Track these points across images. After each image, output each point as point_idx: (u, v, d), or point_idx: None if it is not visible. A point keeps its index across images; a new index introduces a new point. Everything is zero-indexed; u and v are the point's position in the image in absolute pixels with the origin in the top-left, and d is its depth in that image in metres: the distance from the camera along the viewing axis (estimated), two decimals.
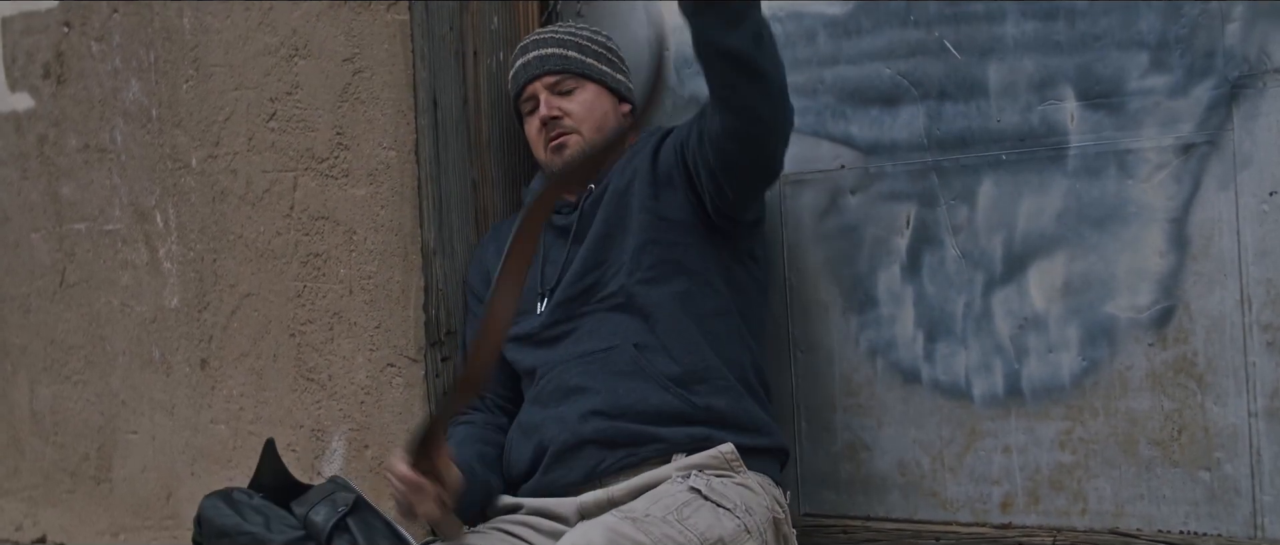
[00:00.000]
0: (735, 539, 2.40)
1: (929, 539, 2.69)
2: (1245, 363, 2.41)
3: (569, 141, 2.71)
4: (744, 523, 2.42)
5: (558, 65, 2.74)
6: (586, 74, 2.75)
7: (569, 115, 2.72)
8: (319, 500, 2.27)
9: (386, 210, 3.02)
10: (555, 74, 2.74)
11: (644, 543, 2.26)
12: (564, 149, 2.71)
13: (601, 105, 2.75)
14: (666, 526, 2.32)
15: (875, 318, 2.74)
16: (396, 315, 3.01)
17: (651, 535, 2.28)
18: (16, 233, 3.80)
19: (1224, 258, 2.42)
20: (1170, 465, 2.49)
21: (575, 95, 2.73)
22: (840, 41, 2.76)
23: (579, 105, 2.73)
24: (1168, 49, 2.45)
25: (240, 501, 2.29)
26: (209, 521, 2.27)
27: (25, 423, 3.82)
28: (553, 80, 2.74)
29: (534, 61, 2.76)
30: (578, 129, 2.72)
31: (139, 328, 3.52)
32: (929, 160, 2.68)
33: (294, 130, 3.16)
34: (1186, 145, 2.44)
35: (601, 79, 2.76)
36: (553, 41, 2.77)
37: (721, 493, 2.44)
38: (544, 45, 2.77)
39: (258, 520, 2.25)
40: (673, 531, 2.32)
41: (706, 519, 2.38)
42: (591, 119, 2.73)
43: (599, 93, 2.75)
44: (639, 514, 2.33)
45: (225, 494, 2.31)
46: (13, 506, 3.88)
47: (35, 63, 3.71)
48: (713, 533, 2.36)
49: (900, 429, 2.74)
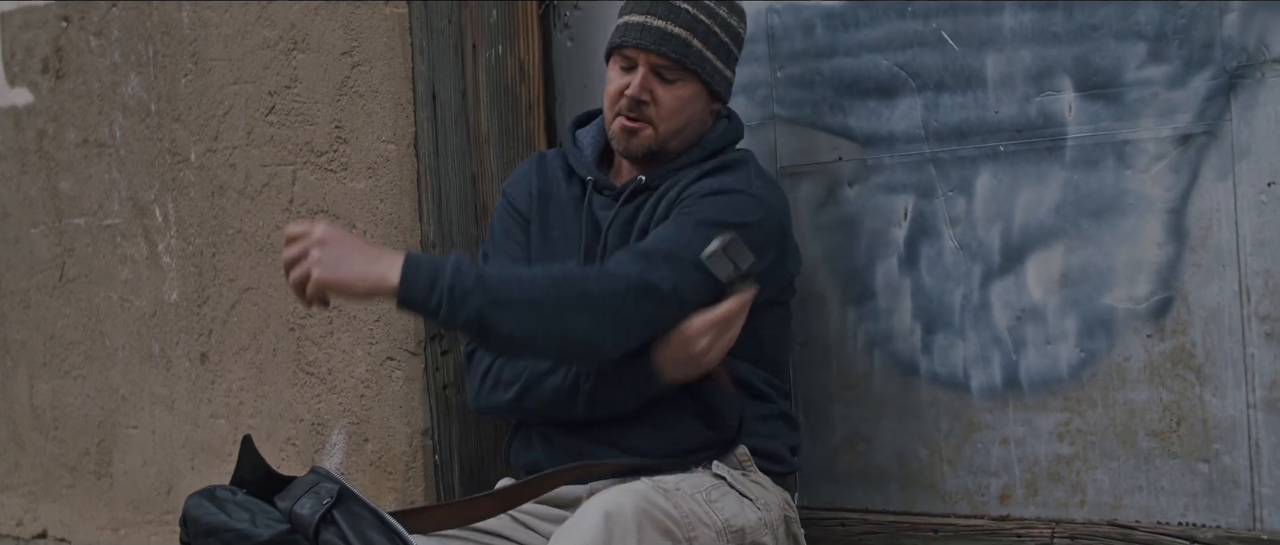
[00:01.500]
0: (756, 531, 2.41)
1: (927, 531, 2.69)
2: (1244, 354, 2.41)
3: (642, 132, 2.54)
4: (764, 517, 2.43)
5: (676, 52, 2.52)
6: (698, 70, 2.54)
7: (658, 105, 2.53)
8: (303, 493, 2.26)
9: (385, 204, 3.02)
10: (669, 59, 2.52)
11: (673, 515, 2.28)
12: (634, 135, 2.54)
13: (694, 107, 2.56)
14: (695, 504, 2.33)
15: (873, 310, 2.74)
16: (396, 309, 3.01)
17: (681, 509, 2.30)
18: (16, 228, 3.80)
19: (1222, 249, 2.42)
20: (1169, 457, 2.49)
21: (675, 87, 2.53)
22: (837, 33, 2.75)
23: (673, 100, 2.53)
24: (1166, 39, 2.44)
25: (224, 498, 2.28)
26: (195, 520, 2.27)
27: (25, 418, 3.83)
28: (663, 63, 2.53)
29: (656, 32, 2.52)
30: (657, 123, 2.54)
31: (138, 322, 3.52)
32: (927, 152, 2.67)
33: (293, 124, 3.16)
34: (1184, 136, 2.44)
35: (710, 78, 2.56)
36: (686, 19, 2.53)
37: (743, 484, 2.46)
38: (677, 20, 2.52)
39: (243, 516, 2.25)
40: (701, 511, 2.33)
41: (732, 507, 2.40)
42: (677, 119, 2.55)
43: (698, 92, 2.56)
44: (670, 486, 2.34)
45: (209, 492, 2.30)
46: (13, 502, 3.88)
47: (34, 57, 3.71)
48: (737, 521, 2.38)
49: (898, 421, 2.73)
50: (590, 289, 2.34)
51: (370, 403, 3.05)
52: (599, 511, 2.21)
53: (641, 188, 2.56)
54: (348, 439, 3.13)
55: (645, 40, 2.52)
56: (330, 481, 2.26)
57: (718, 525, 2.34)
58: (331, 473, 2.29)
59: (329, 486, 2.25)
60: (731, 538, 2.36)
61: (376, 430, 3.05)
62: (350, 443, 3.12)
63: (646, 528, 2.22)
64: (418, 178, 2.99)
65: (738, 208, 2.48)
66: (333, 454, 3.14)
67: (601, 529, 2.19)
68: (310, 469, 2.32)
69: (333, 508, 2.23)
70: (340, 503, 2.24)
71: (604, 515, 2.20)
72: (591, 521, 2.20)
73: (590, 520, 2.20)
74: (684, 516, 2.29)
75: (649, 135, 2.55)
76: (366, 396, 3.06)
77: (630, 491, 2.26)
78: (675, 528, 2.27)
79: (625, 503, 2.22)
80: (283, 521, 2.24)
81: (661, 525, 2.25)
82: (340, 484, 2.26)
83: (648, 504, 2.25)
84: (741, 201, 2.49)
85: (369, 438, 3.07)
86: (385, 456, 3.05)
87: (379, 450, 3.05)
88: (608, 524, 2.19)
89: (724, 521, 2.36)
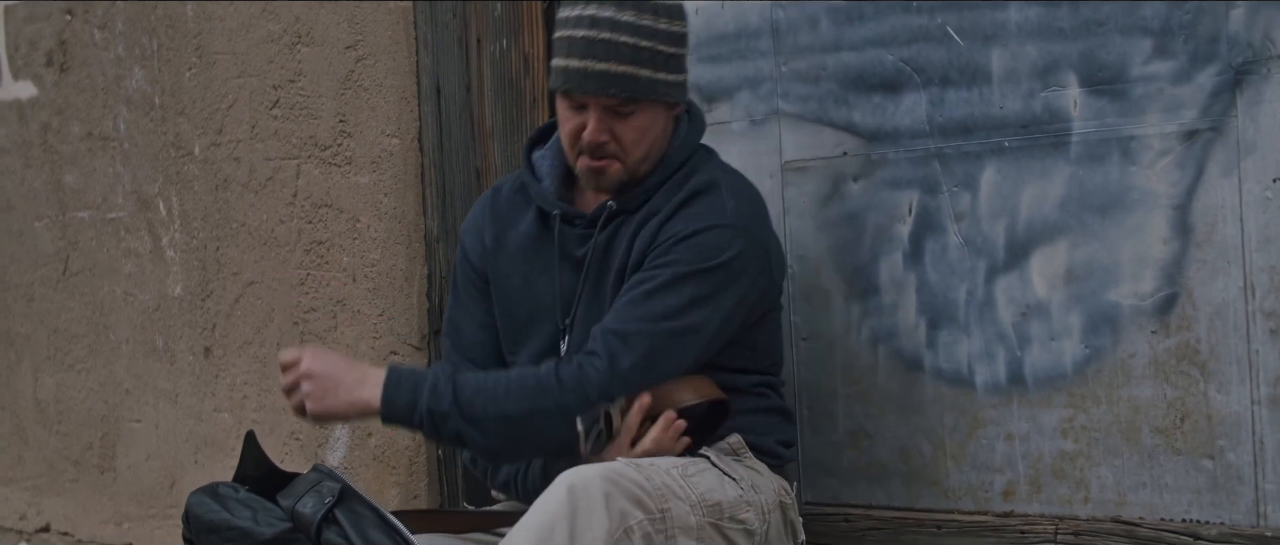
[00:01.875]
0: (735, 507, 2.39)
1: (931, 527, 2.69)
2: (1248, 350, 2.41)
3: (610, 168, 2.46)
4: (747, 495, 2.42)
5: (624, 90, 2.42)
6: (652, 96, 2.45)
7: (619, 140, 2.45)
8: (305, 491, 2.26)
9: (389, 198, 3.02)
10: (617, 98, 2.43)
11: (644, 486, 2.26)
12: (602, 173, 2.47)
13: (655, 128, 2.48)
14: (668, 477, 2.32)
15: (877, 305, 2.74)
16: (400, 303, 3.01)
17: (652, 482, 2.28)
18: (20, 221, 3.80)
19: (1227, 245, 2.41)
20: (1173, 453, 2.48)
21: (633, 119, 2.45)
22: (843, 28, 2.75)
23: (633, 132, 2.45)
24: (1171, 35, 2.44)
25: (226, 496, 2.29)
26: (197, 518, 2.27)
27: (29, 412, 3.83)
28: (613, 103, 2.43)
29: (599, 76, 2.41)
30: (623, 156, 2.47)
31: (142, 316, 3.52)
32: (931, 147, 2.67)
33: (297, 118, 3.16)
34: (1190, 132, 2.43)
35: (665, 96, 2.47)
36: (627, 54, 2.41)
37: (729, 465, 2.45)
38: (617, 57, 2.41)
39: (245, 514, 2.25)
40: (674, 484, 2.32)
41: (709, 482, 2.38)
42: (641, 146, 2.48)
43: (656, 112, 2.47)
44: (644, 462, 2.33)
45: (211, 489, 2.30)
46: (17, 495, 3.88)
47: (38, 51, 3.71)
48: (713, 496, 2.36)
49: (902, 417, 2.73)
50: (566, 400, 2.37)
51: None
52: (563, 485, 2.21)
53: (614, 214, 2.50)
54: (351, 434, 3.13)
55: (589, 87, 2.42)
56: (332, 480, 2.26)
57: (692, 499, 2.32)
58: (334, 471, 2.29)
59: (331, 485, 2.25)
60: (707, 512, 2.34)
61: (379, 425, 3.04)
62: (353, 438, 3.12)
63: (616, 497, 2.22)
64: (422, 172, 2.99)
65: (713, 248, 2.43)
66: (336, 449, 3.14)
67: (565, 502, 2.19)
68: (312, 467, 2.32)
69: (335, 507, 2.23)
70: (342, 501, 2.24)
71: (568, 488, 2.20)
72: (556, 496, 2.20)
73: (555, 494, 2.20)
74: (656, 488, 2.28)
75: (618, 169, 2.48)
76: None
77: (597, 466, 2.26)
78: (646, 497, 2.25)
79: (591, 475, 2.22)
80: (285, 520, 2.24)
81: (632, 495, 2.24)
82: (343, 482, 2.26)
83: (616, 476, 2.24)
84: (715, 239, 2.44)
85: (372, 433, 3.07)
86: (388, 452, 3.05)
87: (382, 445, 3.05)
88: (571, 496, 2.19)
89: (699, 495, 2.34)
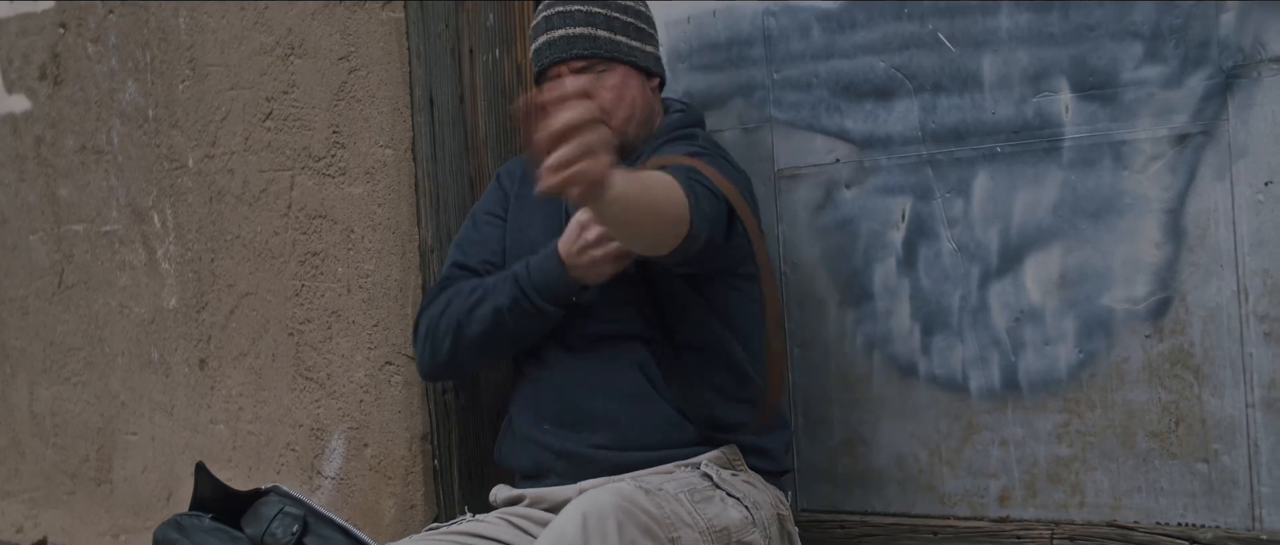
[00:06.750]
0: (742, 530, 2.40)
1: (926, 533, 2.69)
2: (1242, 353, 2.41)
3: None
4: (752, 515, 2.43)
5: (586, 49, 2.59)
6: (616, 56, 2.60)
7: (597, 103, 2.60)
8: (271, 517, 2.26)
9: (383, 208, 3.02)
10: (583, 58, 2.59)
11: (655, 515, 2.27)
12: None
13: (631, 88, 2.61)
14: (677, 504, 2.33)
15: (871, 312, 2.74)
16: (395, 313, 3.01)
17: (662, 509, 2.30)
18: (14, 234, 3.80)
19: (1220, 248, 2.41)
20: (1168, 457, 2.48)
21: (605, 80, 2.58)
22: (834, 35, 2.75)
23: (609, 91, 2.58)
24: (1162, 39, 2.44)
25: (191, 527, 2.28)
26: None
27: (25, 424, 3.83)
28: (581, 65, 2.59)
29: (560, 42, 2.60)
30: (606, 118, 2.54)
31: (138, 328, 3.52)
32: (924, 153, 2.67)
33: (290, 129, 3.16)
34: (1181, 136, 2.43)
35: (632, 59, 2.62)
36: (582, 18, 2.61)
37: (730, 483, 2.46)
38: (572, 22, 2.61)
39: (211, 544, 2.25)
40: (683, 511, 2.33)
41: (716, 507, 2.39)
42: (622, 106, 2.60)
43: (629, 74, 2.61)
44: (652, 486, 2.34)
45: (174, 523, 2.30)
46: (13, 508, 3.88)
47: (31, 64, 3.71)
48: (720, 521, 2.37)
49: (897, 423, 2.73)
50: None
51: (369, 407, 3.05)
52: (578, 512, 2.21)
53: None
54: (347, 444, 3.13)
55: (556, 53, 2.61)
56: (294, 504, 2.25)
57: (701, 526, 2.34)
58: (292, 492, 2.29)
59: (294, 510, 2.24)
60: (716, 538, 2.35)
61: (376, 435, 3.05)
62: (350, 447, 3.12)
63: (628, 526, 2.22)
64: (415, 182, 2.99)
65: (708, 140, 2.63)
66: (332, 459, 3.14)
67: (580, 530, 2.20)
68: (271, 488, 2.31)
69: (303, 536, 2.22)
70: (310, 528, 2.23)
71: (583, 516, 2.20)
72: (571, 523, 2.21)
73: (570, 521, 2.21)
74: (666, 517, 2.29)
75: (604, 132, 2.50)
76: (366, 401, 3.06)
77: (611, 492, 2.26)
78: (657, 527, 2.27)
79: (605, 503, 2.23)
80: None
81: (643, 525, 2.25)
82: (308, 506, 2.25)
83: (628, 504, 2.25)
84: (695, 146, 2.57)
85: (368, 442, 3.07)
86: (384, 461, 3.05)
87: (378, 455, 3.05)
88: (586, 525, 2.20)
89: (707, 521, 2.35)
